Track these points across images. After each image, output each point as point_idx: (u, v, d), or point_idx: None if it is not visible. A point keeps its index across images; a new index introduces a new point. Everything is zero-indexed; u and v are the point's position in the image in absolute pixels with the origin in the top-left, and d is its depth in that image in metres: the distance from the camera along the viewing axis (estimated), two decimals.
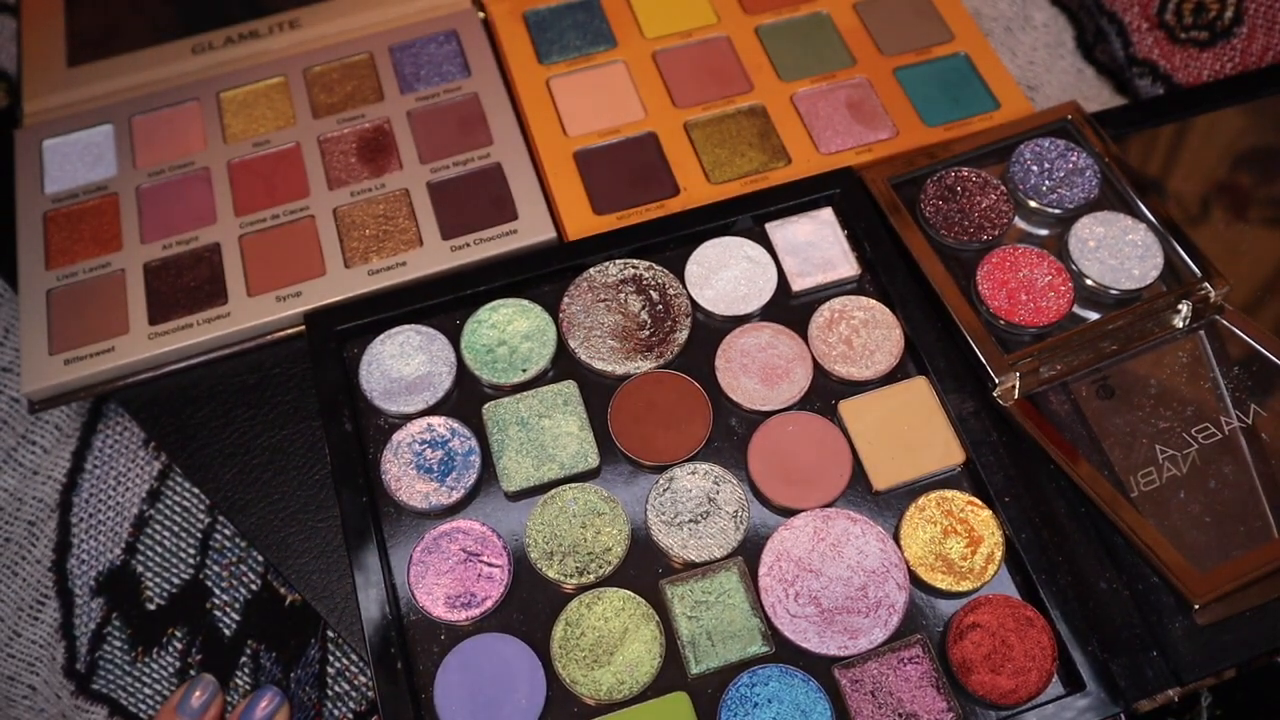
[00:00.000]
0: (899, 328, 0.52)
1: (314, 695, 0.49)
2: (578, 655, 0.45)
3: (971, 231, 0.55)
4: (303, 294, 0.54)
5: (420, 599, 0.46)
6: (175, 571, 0.52)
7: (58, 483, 0.54)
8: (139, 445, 0.55)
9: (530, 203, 0.57)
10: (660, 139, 0.60)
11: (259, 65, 0.63)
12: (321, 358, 0.51)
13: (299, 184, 0.58)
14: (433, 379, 0.51)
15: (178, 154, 0.59)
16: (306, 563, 0.50)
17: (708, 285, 0.53)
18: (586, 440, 0.49)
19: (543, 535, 0.47)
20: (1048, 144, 0.57)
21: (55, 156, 0.60)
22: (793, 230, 0.55)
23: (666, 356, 0.51)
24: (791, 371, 0.51)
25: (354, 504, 0.48)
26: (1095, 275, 0.53)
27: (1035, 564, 0.46)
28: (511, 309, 0.53)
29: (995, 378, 0.50)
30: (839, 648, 0.45)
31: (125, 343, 0.53)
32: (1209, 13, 0.63)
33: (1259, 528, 0.47)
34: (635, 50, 0.63)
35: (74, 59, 0.63)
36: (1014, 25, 0.68)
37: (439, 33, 0.64)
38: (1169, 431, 0.49)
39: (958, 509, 0.48)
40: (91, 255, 0.56)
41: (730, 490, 0.48)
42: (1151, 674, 0.45)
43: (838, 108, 0.61)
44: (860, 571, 0.46)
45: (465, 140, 0.59)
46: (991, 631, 0.45)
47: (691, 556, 0.47)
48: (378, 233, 0.56)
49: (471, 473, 0.48)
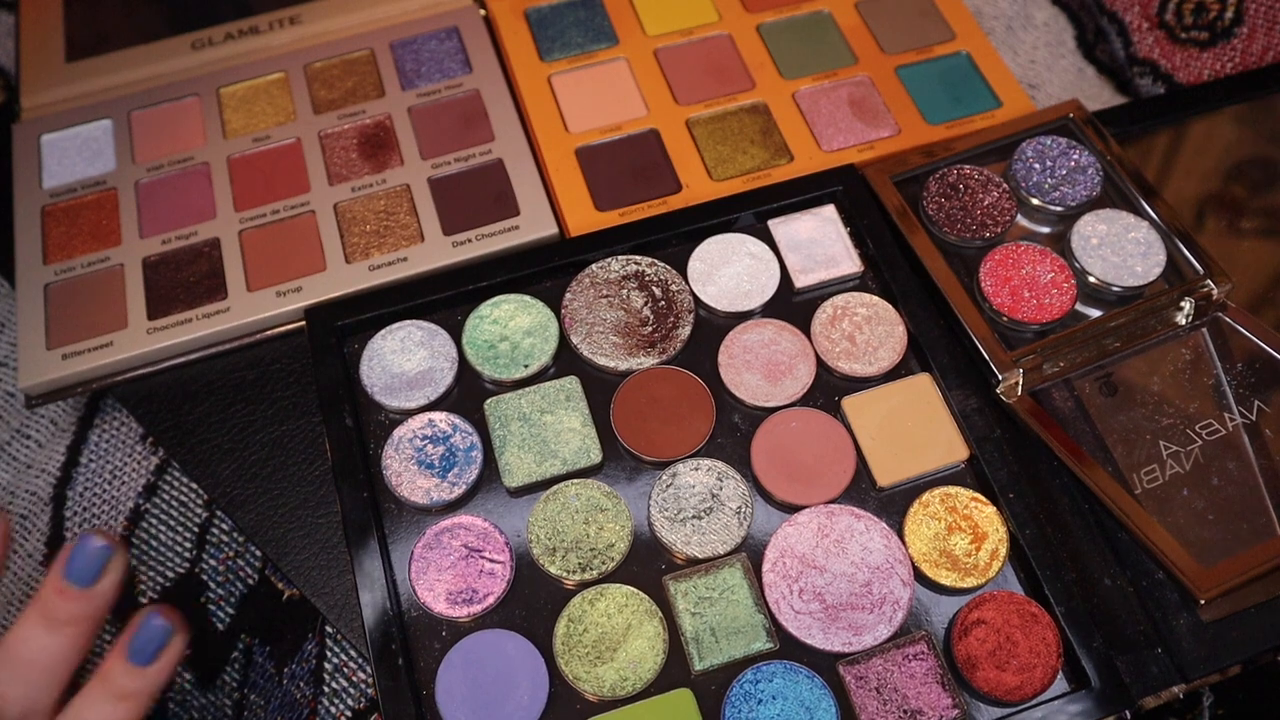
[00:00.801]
0: (902, 324, 0.52)
1: (309, 691, 0.49)
2: (580, 652, 0.44)
3: (974, 229, 0.55)
4: (303, 289, 0.54)
5: (421, 595, 0.45)
6: (169, 566, 0.52)
7: (51, 476, 0.53)
8: (135, 440, 0.54)
9: (532, 199, 0.57)
10: (662, 136, 0.60)
11: (259, 61, 0.62)
12: (322, 353, 0.51)
13: (299, 179, 0.58)
14: (434, 374, 0.51)
15: (177, 149, 0.59)
16: (306, 559, 0.49)
17: (710, 282, 0.53)
18: (589, 436, 0.49)
19: (545, 531, 0.47)
20: (1049, 142, 0.57)
21: (53, 151, 0.59)
22: (795, 227, 0.55)
23: (669, 353, 0.51)
24: (794, 368, 0.51)
25: (355, 499, 0.47)
26: (1098, 272, 0.53)
27: (1039, 560, 0.46)
28: (513, 305, 0.52)
29: (998, 374, 0.50)
30: (843, 644, 0.44)
31: (123, 338, 0.53)
32: (1209, 13, 0.64)
33: (1263, 524, 0.47)
34: (637, 47, 0.63)
35: (72, 54, 0.63)
36: (1015, 24, 0.68)
37: (440, 29, 0.64)
38: (1172, 428, 0.49)
39: (962, 505, 0.48)
40: (90, 250, 0.56)
41: (733, 486, 0.48)
42: (1156, 670, 0.45)
43: (840, 105, 0.61)
44: (864, 568, 0.46)
45: (467, 136, 0.59)
46: (996, 628, 0.45)
47: (695, 552, 0.46)
48: (379, 228, 0.56)
49: (473, 468, 0.48)
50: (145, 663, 0.40)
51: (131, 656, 0.40)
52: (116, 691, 0.40)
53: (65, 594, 0.40)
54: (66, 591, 0.40)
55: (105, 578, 0.41)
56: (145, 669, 0.41)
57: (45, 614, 0.40)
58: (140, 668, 0.40)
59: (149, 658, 0.40)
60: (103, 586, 0.41)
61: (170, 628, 0.41)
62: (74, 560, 0.40)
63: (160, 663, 0.41)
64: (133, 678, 0.40)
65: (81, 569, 0.40)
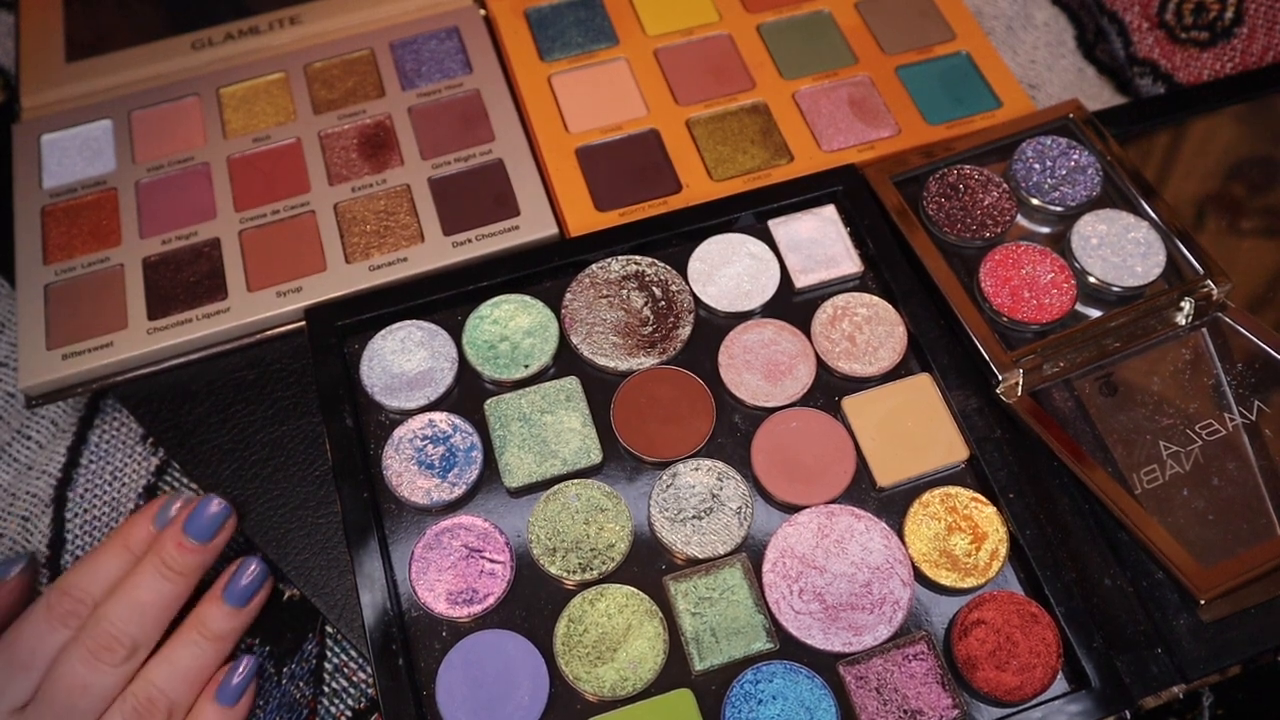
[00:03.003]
0: (902, 324, 0.52)
1: (309, 691, 0.49)
2: (581, 652, 0.44)
3: (974, 229, 0.55)
4: (303, 289, 0.54)
5: (422, 595, 0.45)
6: None
7: (52, 478, 0.53)
8: (136, 441, 0.54)
9: (532, 199, 0.57)
10: (662, 136, 0.60)
11: (259, 61, 0.62)
12: (322, 353, 0.51)
13: (300, 179, 0.58)
14: (434, 375, 0.51)
15: (177, 149, 0.59)
16: (306, 559, 0.49)
17: (710, 282, 0.53)
18: (589, 436, 0.49)
19: (545, 531, 0.47)
20: (1050, 142, 0.57)
21: (54, 151, 0.59)
22: (795, 227, 0.55)
23: (669, 353, 0.51)
24: (795, 368, 0.51)
25: (355, 500, 0.47)
26: (1098, 272, 0.53)
27: (1039, 560, 0.46)
28: (513, 305, 0.52)
29: (998, 374, 0.50)
30: (843, 644, 0.44)
31: (124, 338, 0.53)
32: (1209, 13, 0.64)
33: (1263, 524, 0.47)
34: (637, 47, 0.63)
35: (72, 54, 0.63)
36: (1015, 24, 0.68)
37: (440, 29, 0.64)
38: (1172, 428, 0.49)
39: (962, 505, 0.48)
40: (90, 250, 0.56)
41: (734, 486, 0.48)
42: (1156, 671, 0.45)
43: (840, 105, 0.61)
44: (864, 568, 0.46)
45: (467, 136, 0.59)
46: (996, 628, 0.45)
47: (695, 553, 0.46)
48: (379, 228, 0.56)
49: (473, 469, 0.48)
50: (242, 604, 0.46)
51: (231, 599, 0.46)
52: (212, 632, 0.46)
53: (184, 547, 0.46)
54: (185, 545, 0.46)
55: (220, 535, 0.47)
56: (239, 610, 0.46)
57: (164, 562, 0.45)
58: (235, 609, 0.46)
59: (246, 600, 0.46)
60: (217, 542, 0.47)
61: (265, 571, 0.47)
62: (196, 518, 0.46)
63: (252, 605, 0.47)
64: (228, 619, 0.46)
65: (202, 526, 0.46)
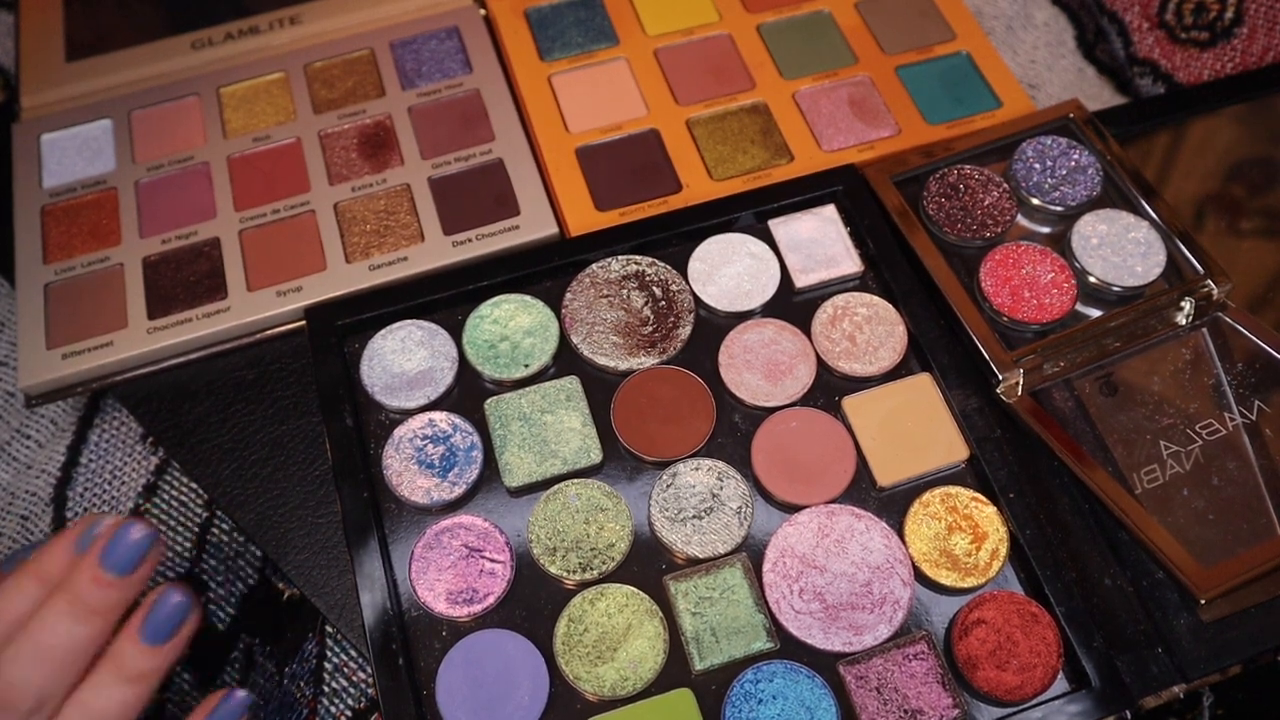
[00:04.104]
0: (902, 324, 0.52)
1: (309, 691, 0.49)
2: (581, 652, 0.44)
3: (974, 229, 0.55)
4: (303, 289, 0.54)
5: (421, 595, 0.45)
6: (169, 566, 0.52)
7: (52, 477, 0.53)
8: (135, 440, 0.54)
9: (532, 199, 0.57)
10: (662, 136, 0.60)
11: (259, 61, 0.62)
12: (322, 353, 0.51)
13: (300, 179, 0.58)
14: (434, 374, 0.51)
15: (177, 149, 0.59)
16: (306, 558, 0.49)
17: (710, 281, 0.53)
18: (589, 436, 0.49)
19: (545, 531, 0.47)
20: (1050, 142, 0.57)
21: (53, 151, 0.59)
22: (796, 227, 0.55)
23: (669, 353, 0.51)
24: (795, 368, 0.51)
25: (355, 499, 0.47)
26: (1098, 272, 0.53)
27: (1040, 560, 0.46)
28: (514, 304, 0.52)
29: (999, 374, 0.50)
30: (844, 644, 0.44)
31: (123, 337, 0.53)
32: (1209, 13, 0.64)
33: (1263, 524, 0.47)
34: (637, 47, 0.63)
35: (72, 54, 0.63)
36: (1015, 24, 0.68)
37: (440, 29, 0.64)
38: (1172, 428, 0.49)
39: (962, 505, 0.48)
40: (90, 249, 0.55)
41: (734, 486, 0.48)
42: (1156, 670, 0.45)
43: (840, 105, 0.61)
44: (865, 568, 0.46)
45: (467, 136, 0.59)
46: (996, 628, 0.45)
47: (695, 552, 0.46)
48: (379, 228, 0.56)
49: (473, 468, 0.48)
50: (161, 641, 0.39)
51: (147, 636, 0.39)
52: (129, 673, 0.39)
53: (100, 582, 0.38)
54: (101, 579, 0.38)
55: (143, 567, 0.39)
56: (159, 648, 0.39)
57: (76, 602, 0.38)
58: (154, 647, 0.39)
59: (166, 636, 0.39)
60: (141, 574, 0.39)
61: (188, 603, 0.39)
62: (114, 549, 0.39)
63: (174, 641, 0.39)
64: (147, 658, 0.39)
65: (121, 556, 0.39)
